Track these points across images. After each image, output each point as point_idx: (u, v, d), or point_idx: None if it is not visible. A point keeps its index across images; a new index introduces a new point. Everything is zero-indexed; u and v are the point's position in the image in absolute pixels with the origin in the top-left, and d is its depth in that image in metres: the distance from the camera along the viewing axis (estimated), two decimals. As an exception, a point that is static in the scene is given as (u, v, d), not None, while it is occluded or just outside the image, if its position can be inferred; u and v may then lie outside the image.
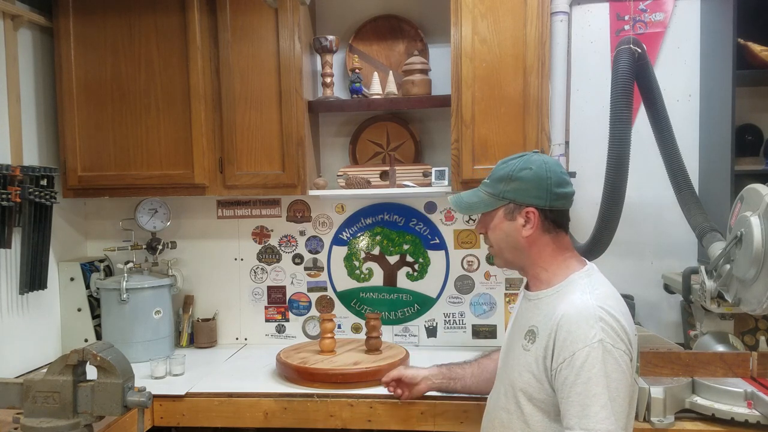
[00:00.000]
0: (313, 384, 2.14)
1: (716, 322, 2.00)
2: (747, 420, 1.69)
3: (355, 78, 2.57)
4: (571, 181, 1.52)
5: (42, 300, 2.50)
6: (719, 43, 2.31)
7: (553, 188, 1.47)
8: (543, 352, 1.41)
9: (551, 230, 1.50)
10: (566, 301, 1.41)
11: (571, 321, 1.36)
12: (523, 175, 1.48)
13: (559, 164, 1.54)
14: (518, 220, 1.50)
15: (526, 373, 1.45)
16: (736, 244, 1.70)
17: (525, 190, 1.48)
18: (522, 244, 1.51)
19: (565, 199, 1.50)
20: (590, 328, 1.33)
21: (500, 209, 1.52)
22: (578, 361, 1.32)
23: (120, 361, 1.57)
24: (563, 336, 1.36)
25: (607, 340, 1.33)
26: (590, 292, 1.41)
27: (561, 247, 1.52)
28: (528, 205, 1.48)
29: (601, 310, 1.36)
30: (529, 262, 1.53)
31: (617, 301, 1.43)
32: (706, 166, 2.46)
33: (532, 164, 1.49)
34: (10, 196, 2.17)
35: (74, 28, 2.46)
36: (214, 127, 2.46)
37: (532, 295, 1.53)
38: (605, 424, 1.29)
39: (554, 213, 1.49)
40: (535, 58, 2.26)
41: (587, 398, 1.31)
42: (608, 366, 1.32)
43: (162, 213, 2.73)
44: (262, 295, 2.82)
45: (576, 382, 1.32)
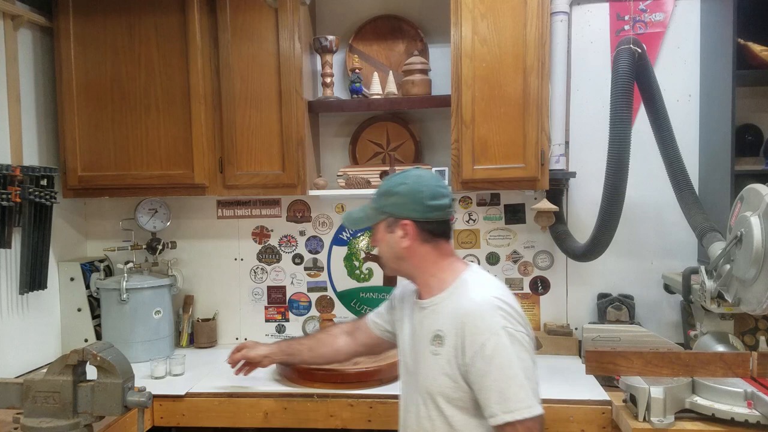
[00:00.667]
0: (313, 384, 2.14)
1: (716, 322, 2.00)
2: (747, 420, 1.69)
3: (355, 78, 2.57)
4: (448, 193, 1.60)
5: (42, 300, 2.50)
6: (719, 43, 2.31)
7: (427, 201, 1.56)
8: (453, 351, 1.48)
9: (430, 240, 1.59)
10: (464, 299, 1.51)
11: (474, 315, 1.46)
12: (399, 189, 1.58)
13: (437, 178, 1.62)
14: (397, 232, 1.58)
15: (440, 376, 1.51)
16: (736, 244, 1.70)
17: (401, 204, 1.57)
18: (404, 255, 1.60)
19: (441, 211, 1.58)
20: (492, 318, 1.45)
21: (382, 223, 1.62)
22: (488, 350, 1.42)
23: (120, 361, 1.57)
24: (470, 330, 1.45)
25: (509, 325, 1.44)
26: (483, 287, 1.53)
27: (443, 254, 1.61)
28: (404, 218, 1.57)
29: (497, 299, 1.48)
30: (416, 271, 1.62)
31: (506, 292, 1.55)
32: (706, 166, 2.46)
33: (408, 179, 1.59)
34: (10, 196, 2.17)
35: (74, 28, 2.46)
36: (214, 127, 2.46)
37: (426, 302, 1.60)
38: (526, 402, 1.39)
39: (431, 224, 1.58)
40: (535, 58, 2.26)
41: (503, 382, 1.41)
42: (516, 348, 1.42)
43: (162, 213, 2.73)
44: (262, 295, 2.82)
45: (489, 370, 1.42)
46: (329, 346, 2.00)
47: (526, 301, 2.67)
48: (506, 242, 2.67)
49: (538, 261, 2.66)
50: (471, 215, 2.68)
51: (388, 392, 2.10)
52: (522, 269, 2.67)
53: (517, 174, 2.29)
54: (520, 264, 2.67)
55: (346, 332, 2.00)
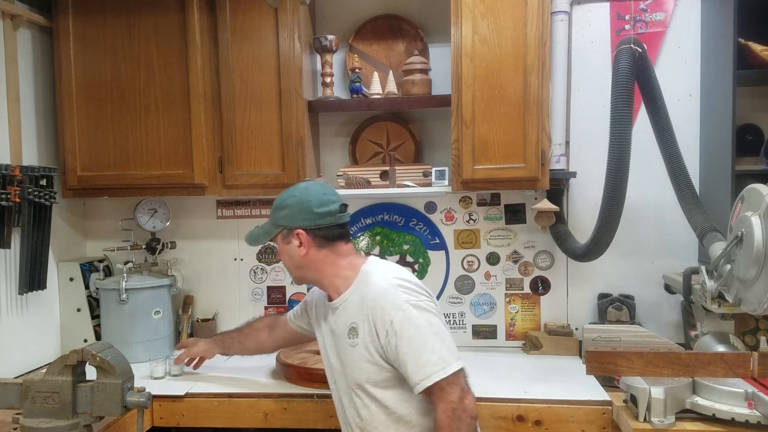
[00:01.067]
0: (313, 384, 2.14)
1: (717, 322, 2.00)
2: (747, 420, 1.69)
3: (355, 78, 2.57)
4: (336, 200, 1.72)
5: (41, 300, 2.50)
6: (720, 43, 2.30)
7: (315, 209, 1.67)
8: (369, 337, 1.58)
9: (325, 245, 1.70)
10: (368, 287, 1.62)
11: (378, 297, 1.58)
12: (289, 202, 1.71)
13: (324, 187, 1.74)
14: (293, 242, 1.70)
15: (363, 363, 1.60)
16: (736, 244, 1.70)
17: (292, 215, 1.69)
18: (303, 263, 1.71)
19: (330, 216, 1.69)
20: (395, 296, 1.56)
21: (278, 236, 1.74)
22: (397, 325, 1.53)
23: (119, 362, 1.57)
24: (378, 312, 1.56)
25: (412, 299, 1.56)
26: (383, 272, 1.64)
27: (341, 255, 1.71)
28: (297, 228, 1.69)
29: (396, 278, 1.60)
30: (319, 275, 1.72)
31: (405, 271, 1.68)
32: (706, 166, 2.46)
33: (296, 191, 1.71)
34: (9, 196, 2.17)
35: (74, 28, 2.45)
36: (214, 127, 2.46)
37: (336, 302, 1.70)
38: (440, 364, 1.50)
39: (322, 230, 1.69)
40: (535, 57, 2.26)
41: (416, 352, 1.51)
42: (423, 316, 1.54)
43: (161, 213, 2.73)
44: (261, 295, 2.81)
45: (402, 343, 1.52)
46: (254, 340, 2.19)
47: (527, 301, 2.67)
48: (506, 242, 2.67)
49: (539, 261, 2.66)
50: (471, 215, 2.68)
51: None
52: (522, 269, 2.67)
53: (517, 174, 2.29)
54: (521, 264, 2.67)
55: (267, 326, 2.18)
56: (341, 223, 1.72)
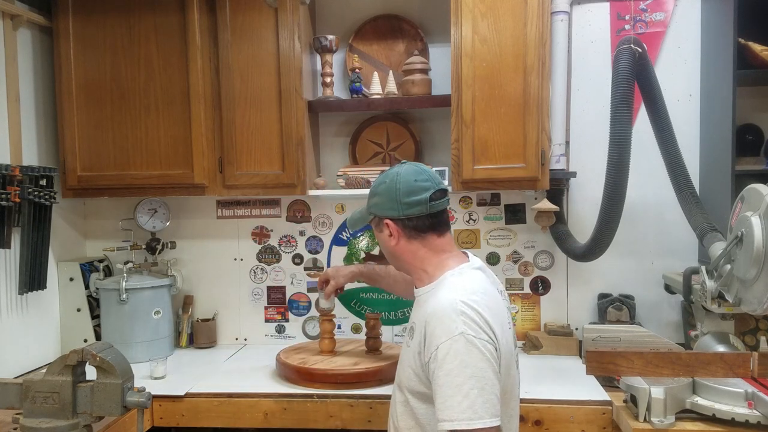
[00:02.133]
0: (313, 384, 2.14)
1: (717, 322, 2.00)
2: (747, 420, 1.69)
3: (355, 78, 2.57)
4: (430, 186, 1.55)
5: (41, 300, 2.50)
6: (720, 43, 2.30)
7: (403, 198, 1.55)
8: (418, 348, 1.48)
9: (415, 236, 1.58)
10: (435, 298, 1.50)
11: (436, 316, 1.44)
12: (380, 189, 1.60)
13: (418, 172, 1.57)
14: (384, 231, 1.60)
15: (407, 368, 1.53)
16: (736, 244, 1.70)
17: (381, 204, 1.59)
18: (395, 252, 1.61)
19: (420, 206, 1.55)
20: (452, 322, 1.40)
21: (372, 223, 1.66)
22: (441, 353, 1.39)
23: (119, 362, 1.57)
24: (430, 331, 1.43)
25: (469, 332, 1.38)
26: (457, 289, 1.48)
27: (435, 250, 1.59)
28: (385, 217, 1.59)
29: (463, 304, 1.42)
30: (409, 267, 1.63)
31: (484, 297, 1.48)
32: (706, 166, 2.46)
33: (387, 177, 1.59)
34: (9, 196, 2.17)
35: (74, 28, 2.45)
36: (214, 127, 2.46)
37: (417, 292, 1.62)
38: (468, 413, 1.33)
39: (412, 220, 1.56)
40: (535, 57, 2.26)
41: (449, 389, 1.36)
42: (471, 356, 1.37)
43: (161, 213, 2.73)
44: (261, 295, 2.81)
45: (439, 374, 1.38)
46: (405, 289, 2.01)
47: (527, 301, 2.67)
48: (506, 242, 2.67)
49: (539, 261, 2.66)
50: (471, 215, 2.68)
51: (388, 392, 2.07)
52: (522, 269, 2.67)
53: (517, 174, 2.29)
54: (521, 264, 2.67)
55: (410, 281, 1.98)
56: (434, 213, 1.57)
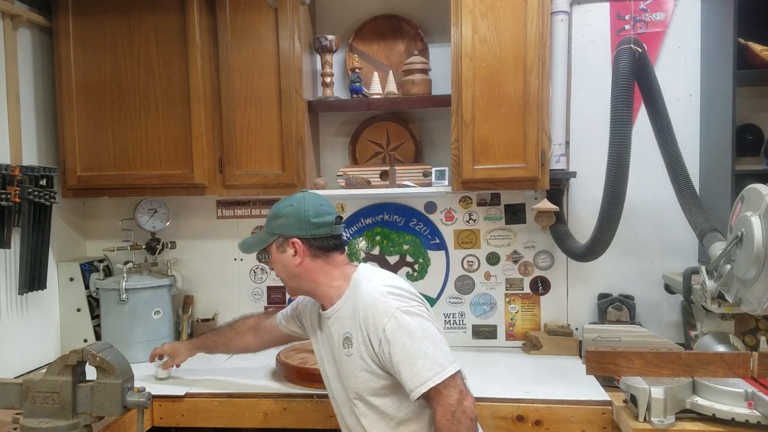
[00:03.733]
0: (313, 384, 2.14)
1: (717, 322, 2.00)
2: (747, 420, 1.69)
3: (355, 78, 2.57)
4: (332, 211, 1.73)
5: (41, 300, 2.50)
6: (720, 43, 2.30)
7: (311, 219, 1.68)
8: (363, 346, 1.59)
9: (320, 255, 1.70)
10: (359, 296, 1.63)
11: (369, 306, 1.58)
12: (286, 211, 1.71)
13: (320, 198, 1.75)
14: (288, 251, 1.70)
15: (360, 373, 1.61)
16: (736, 244, 1.69)
17: (288, 224, 1.70)
18: (297, 272, 1.71)
19: (326, 227, 1.70)
20: (385, 304, 1.56)
21: (273, 244, 1.74)
22: (389, 333, 1.53)
23: (119, 362, 1.57)
24: (370, 321, 1.56)
25: (402, 305, 1.56)
26: (372, 280, 1.65)
27: (335, 265, 1.72)
28: (292, 237, 1.69)
29: (386, 286, 1.61)
30: (313, 285, 1.73)
31: (395, 278, 1.70)
32: (706, 165, 2.46)
33: (293, 201, 1.72)
34: (9, 196, 2.17)
35: (74, 28, 2.45)
36: (214, 126, 2.46)
37: (329, 312, 1.71)
38: (434, 368, 1.50)
39: (318, 240, 1.70)
40: (535, 57, 2.25)
41: (410, 359, 1.51)
42: (415, 322, 1.54)
43: (161, 213, 2.73)
44: (261, 295, 2.81)
45: (394, 351, 1.52)
46: (239, 343, 2.18)
47: (527, 301, 2.67)
48: (506, 242, 2.67)
49: (539, 261, 2.66)
50: (471, 215, 2.68)
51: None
52: (522, 269, 2.67)
53: (517, 174, 2.29)
54: (521, 264, 2.66)
55: (252, 329, 2.16)
56: (336, 235, 1.74)
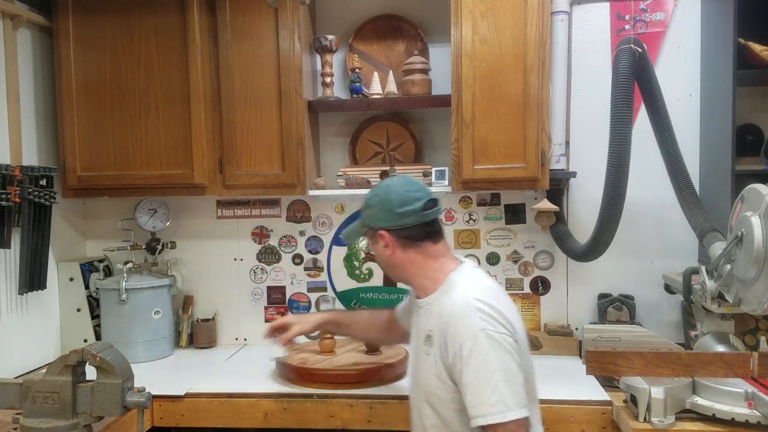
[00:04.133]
0: (313, 384, 2.14)
1: (717, 322, 2.00)
2: (747, 420, 1.69)
3: (355, 78, 2.57)
4: (422, 196, 1.59)
5: (41, 300, 2.50)
6: (720, 43, 2.30)
7: (395, 209, 1.59)
8: (440, 352, 1.50)
9: (411, 245, 1.61)
10: (448, 300, 1.53)
11: (454, 316, 1.48)
12: (373, 201, 1.64)
13: (408, 183, 1.62)
14: (379, 242, 1.64)
15: (431, 376, 1.54)
16: (736, 244, 1.70)
17: (375, 216, 1.63)
18: (391, 263, 1.65)
19: (413, 216, 1.59)
20: (471, 320, 1.45)
21: (367, 235, 1.69)
22: (465, 352, 1.43)
23: (119, 362, 1.57)
24: (451, 331, 1.47)
25: (489, 327, 1.44)
26: (467, 288, 1.53)
27: (431, 256, 1.62)
28: (380, 229, 1.62)
29: (477, 301, 1.47)
30: (407, 276, 1.66)
31: (493, 291, 1.56)
32: (706, 165, 2.46)
33: (380, 190, 1.65)
34: (9, 196, 2.17)
35: (74, 28, 2.45)
36: (214, 126, 2.46)
37: (421, 302, 1.63)
38: (499, 407, 1.38)
39: (406, 230, 1.60)
40: (535, 57, 2.25)
41: (478, 385, 1.41)
42: (494, 351, 1.42)
43: (161, 213, 2.73)
44: (261, 295, 2.81)
45: (466, 372, 1.42)
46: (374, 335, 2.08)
47: (527, 301, 2.66)
48: (506, 242, 2.67)
49: (539, 261, 2.66)
50: (471, 215, 2.68)
51: (388, 392, 2.09)
52: (522, 269, 2.67)
53: (517, 174, 2.29)
54: (521, 264, 2.66)
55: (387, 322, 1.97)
56: (428, 221, 1.61)
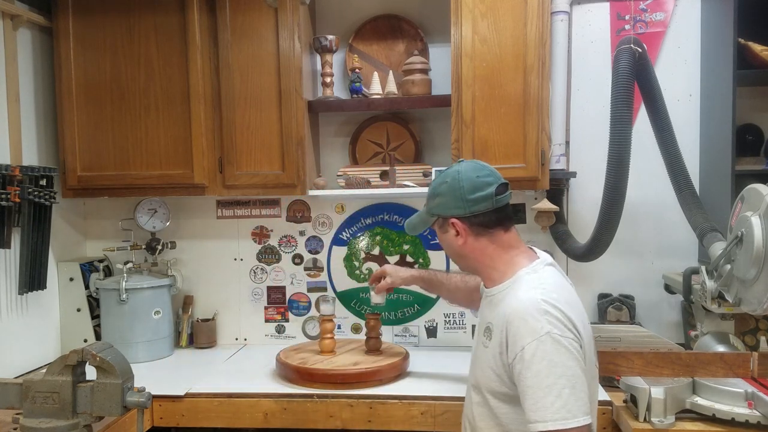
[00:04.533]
0: (313, 384, 2.14)
1: (717, 322, 2.00)
2: (747, 420, 1.69)
3: (355, 78, 2.57)
4: (493, 181, 1.54)
5: (41, 300, 2.50)
6: (720, 43, 2.30)
7: (467, 195, 1.53)
8: (498, 348, 1.45)
9: (483, 233, 1.56)
10: (513, 297, 1.46)
11: (518, 316, 1.41)
12: (441, 190, 1.58)
13: (478, 169, 1.57)
14: (450, 231, 1.58)
15: (487, 369, 1.49)
16: (736, 244, 1.69)
17: (445, 204, 1.57)
18: (462, 252, 1.59)
19: (485, 201, 1.54)
20: (537, 322, 1.37)
21: (435, 225, 1.63)
22: (528, 354, 1.36)
23: (119, 362, 1.57)
24: (513, 331, 1.40)
25: (555, 331, 1.36)
26: (535, 287, 1.45)
27: (503, 246, 1.57)
28: (451, 217, 1.56)
29: (545, 303, 1.40)
30: (478, 265, 1.60)
31: (564, 293, 1.47)
32: (706, 165, 2.46)
33: (448, 177, 1.58)
34: (9, 196, 2.17)
35: (74, 28, 2.45)
36: (214, 126, 2.46)
37: (488, 292, 1.59)
38: (561, 413, 1.32)
39: (478, 217, 1.54)
40: (535, 57, 2.25)
41: (540, 390, 1.34)
42: (560, 355, 1.35)
43: (161, 213, 2.73)
44: (261, 295, 2.81)
45: (527, 375, 1.36)
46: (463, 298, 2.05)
47: (527, 301, 2.66)
48: (506, 242, 2.66)
49: (539, 261, 2.65)
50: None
51: (388, 392, 2.09)
52: (522, 269, 2.66)
53: (517, 174, 2.28)
54: (521, 264, 2.66)
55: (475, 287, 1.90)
56: (499, 207, 1.55)
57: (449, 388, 2.10)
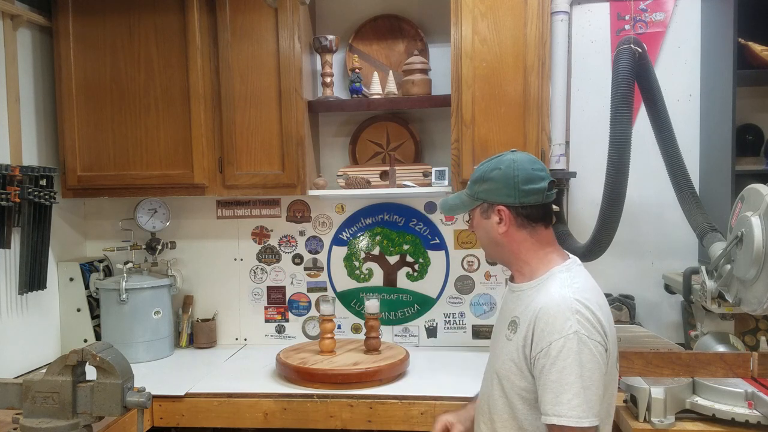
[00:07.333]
0: (313, 384, 2.14)
1: (717, 322, 2.00)
2: (747, 420, 1.69)
3: (355, 78, 2.57)
4: (546, 176, 1.53)
5: (41, 300, 2.50)
6: (720, 43, 2.30)
7: (521, 185, 1.52)
8: (523, 342, 1.46)
9: (526, 225, 1.55)
10: (545, 294, 1.47)
11: (548, 313, 1.41)
12: (493, 175, 1.55)
13: (533, 161, 1.56)
14: (493, 218, 1.56)
15: (508, 361, 1.50)
16: (736, 245, 1.69)
17: (495, 190, 1.55)
18: (500, 241, 1.57)
19: (536, 195, 1.53)
20: (566, 320, 1.39)
21: (477, 209, 1.61)
22: (554, 350, 1.38)
23: (119, 362, 1.57)
24: (541, 327, 1.41)
25: (583, 331, 1.38)
26: (568, 286, 1.46)
27: (540, 242, 1.57)
28: (499, 204, 1.54)
29: (578, 302, 1.41)
30: (512, 257, 1.59)
31: (595, 294, 1.48)
32: (706, 165, 2.46)
33: (502, 164, 1.55)
34: (9, 196, 2.17)
35: (74, 28, 2.45)
36: (214, 127, 2.46)
37: (515, 286, 1.59)
38: (577, 411, 1.35)
39: (526, 209, 1.54)
40: (535, 57, 2.26)
41: (561, 386, 1.37)
42: (583, 356, 1.37)
43: (161, 213, 2.73)
44: (261, 295, 2.81)
45: (551, 371, 1.38)
46: None
47: (527, 301, 2.66)
48: (506, 242, 2.66)
49: (539, 261, 2.65)
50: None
51: (388, 392, 2.10)
52: (522, 269, 2.66)
53: (517, 174, 2.28)
54: (521, 264, 2.66)
55: None
56: (546, 203, 1.56)
57: (449, 388, 2.10)
